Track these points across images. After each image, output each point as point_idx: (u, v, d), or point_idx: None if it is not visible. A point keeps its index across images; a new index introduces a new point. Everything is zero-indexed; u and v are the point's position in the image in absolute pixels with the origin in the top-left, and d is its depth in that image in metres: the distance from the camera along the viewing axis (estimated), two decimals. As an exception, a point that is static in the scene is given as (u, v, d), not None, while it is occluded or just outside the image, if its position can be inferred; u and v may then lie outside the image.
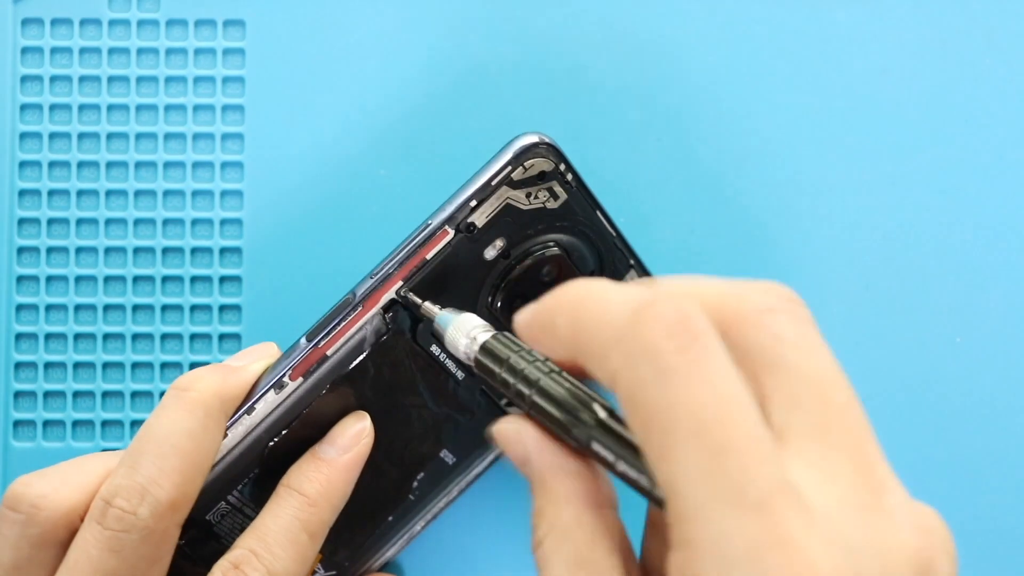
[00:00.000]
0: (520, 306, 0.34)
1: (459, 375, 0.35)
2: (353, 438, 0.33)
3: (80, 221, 0.39)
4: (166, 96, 0.39)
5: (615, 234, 0.35)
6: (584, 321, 0.24)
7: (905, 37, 0.39)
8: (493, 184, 0.33)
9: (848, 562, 0.20)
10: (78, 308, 0.39)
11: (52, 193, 0.39)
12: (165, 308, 0.39)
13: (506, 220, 0.33)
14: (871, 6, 0.39)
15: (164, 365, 0.39)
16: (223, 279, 0.39)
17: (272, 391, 0.32)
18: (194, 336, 0.39)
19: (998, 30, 0.39)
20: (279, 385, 0.32)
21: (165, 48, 0.39)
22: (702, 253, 0.39)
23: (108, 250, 0.39)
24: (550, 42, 0.39)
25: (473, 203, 0.33)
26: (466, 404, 0.35)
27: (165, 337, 0.39)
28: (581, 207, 0.34)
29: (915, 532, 0.22)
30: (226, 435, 0.32)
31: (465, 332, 0.30)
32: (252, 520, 0.32)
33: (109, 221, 0.39)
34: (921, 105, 0.39)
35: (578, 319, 0.24)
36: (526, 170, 0.33)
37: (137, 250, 0.39)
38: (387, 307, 0.33)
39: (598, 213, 0.35)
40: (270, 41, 0.39)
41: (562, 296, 0.25)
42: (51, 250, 0.39)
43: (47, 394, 0.38)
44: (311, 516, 0.32)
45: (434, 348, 0.34)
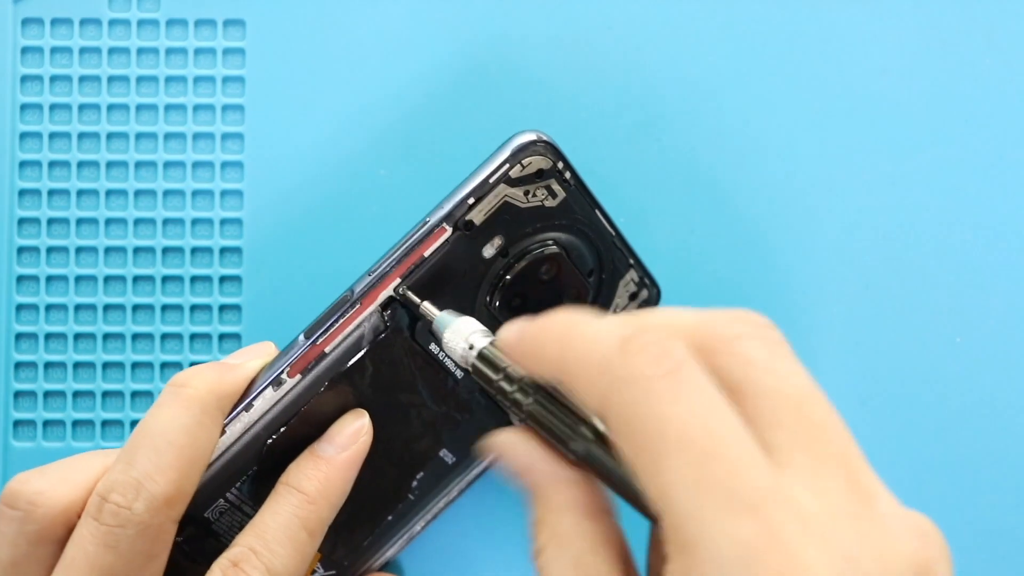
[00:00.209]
0: (518, 304, 0.35)
1: (458, 374, 0.35)
2: (352, 436, 0.33)
3: (80, 221, 0.39)
4: (166, 96, 0.39)
5: (614, 233, 0.35)
6: (572, 350, 0.25)
7: (905, 37, 0.39)
8: (491, 182, 0.33)
9: (846, 567, 0.21)
10: (78, 308, 0.39)
11: (52, 193, 0.39)
12: (165, 308, 0.39)
13: (504, 218, 0.33)
14: (871, 6, 0.39)
15: (164, 365, 0.39)
16: (223, 279, 0.39)
17: (270, 388, 0.32)
18: (194, 336, 0.39)
19: (998, 30, 0.39)
20: (277, 382, 0.32)
21: (165, 48, 0.39)
22: (702, 253, 0.39)
23: (108, 250, 0.39)
24: (550, 42, 0.39)
25: (471, 201, 0.33)
26: (465, 403, 0.35)
27: (165, 337, 0.39)
28: (580, 205, 0.34)
29: (912, 537, 0.22)
30: (224, 432, 0.32)
31: (463, 337, 0.30)
32: (250, 517, 0.32)
33: (109, 221, 0.39)
34: (921, 105, 0.39)
35: (566, 347, 0.25)
36: (524, 168, 0.33)
37: (137, 250, 0.39)
38: (385, 305, 0.33)
39: (597, 212, 0.35)
40: (270, 41, 0.39)
41: (550, 324, 0.26)
42: (51, 250, 0.39)
43: (47, 394, 0.39)
44: (310, 514, 0.32)
45: (433, 346, 0.34)
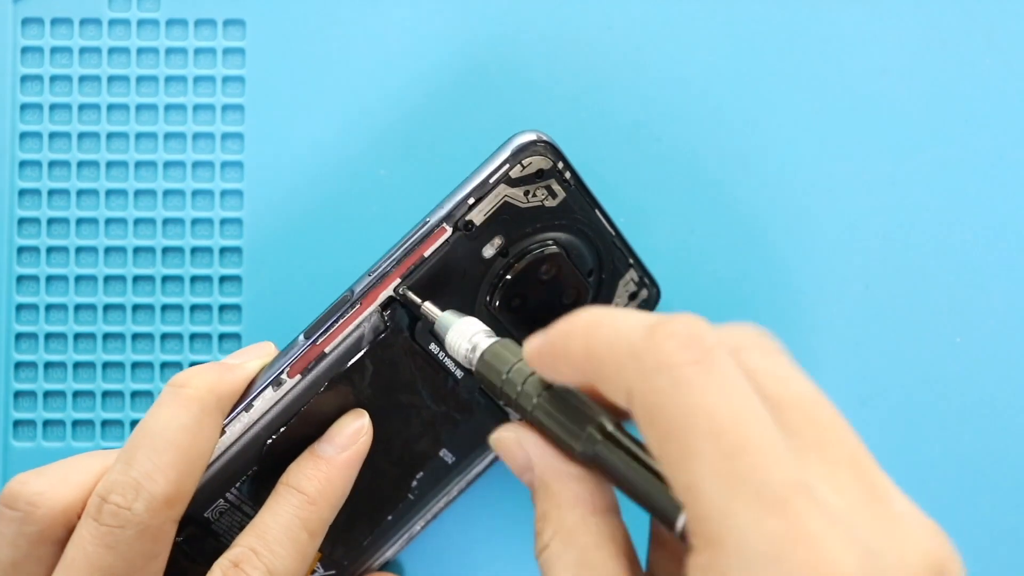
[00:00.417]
0: (518, 305, 0.35)
1: (458, 374, 0.35)
2: (352, 436, 0.33)
3: (80, 221, 0.39)
4: (166, 96, 0.39)
5: (614, 233, 0.35)
6: (599, 342, 0.24)
7: (905, 37, 0.39)
8: (491, 182, 0.33)
9: (869, 562, 0.21)
10: (78, 308, 0.39)
11: (52, 193, 0.39)
12: (165, 308, 0.39)
13: (504, 218, 0.33)
14: (871, 6, 0.39)
15: (164, 365, 0.39)
16: (223, 279, 0.39)
17: (270, 388, 0.32)
18: (194, 336, 0.39)
19: (998, 30, 0.39)
20: (277, 382, 0.32)
21: (165, 48, 0.39)
22: (702, 253, 0.39)
23: (108, 250, 0.39)
24: (550, 42, 0.39)
25: (471, 201, 0.33)
26: (465, 403, 0.35)
27: (165, 337, 0.39)
28: (580, 205, 0.34)
29: (927, 536, 0.22)
30: (224, 432, 0.32)
31: (466, 338, 0.30)
32: (250, 518, 0.32)
33: (109, 221, 0.39)
34: (921, 105, 0.39)
35: (592, 341, 0.24)
36: (524, 168, 0.33)
37: (137, 250, 0.39)
38: (385, 305, 0.33)
39: (597, 212, 0.35)
40: (270, 41, 0.39)
41: (575, 321, 0.25)
42: (51, 250, 0.39)
43: (47, 394, 0.39)
44: (311, 514, 0.32)
45: (433, 347, 0.34)
